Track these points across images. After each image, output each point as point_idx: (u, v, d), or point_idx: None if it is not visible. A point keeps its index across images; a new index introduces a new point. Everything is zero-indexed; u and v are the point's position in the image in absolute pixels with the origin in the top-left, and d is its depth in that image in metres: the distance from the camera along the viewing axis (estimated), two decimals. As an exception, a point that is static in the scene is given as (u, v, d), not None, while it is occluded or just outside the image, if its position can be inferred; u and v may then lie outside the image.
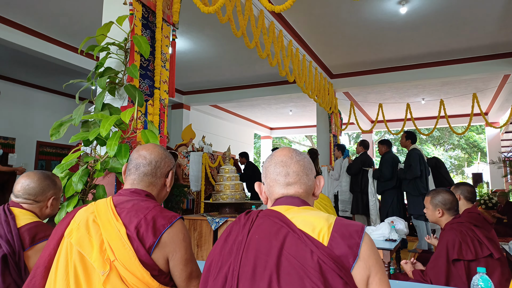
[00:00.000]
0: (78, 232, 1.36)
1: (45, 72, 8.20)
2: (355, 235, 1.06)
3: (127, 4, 3.02)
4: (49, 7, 5.52)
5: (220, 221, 4.26)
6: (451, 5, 5.49)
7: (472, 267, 2.15)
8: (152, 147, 1.56)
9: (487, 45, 7.05)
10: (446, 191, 2.53)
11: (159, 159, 1.54)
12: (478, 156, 19.34)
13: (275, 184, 1.27)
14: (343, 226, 1.08)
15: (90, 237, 1.34)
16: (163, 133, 3.29)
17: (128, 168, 1.53)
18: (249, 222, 1.19)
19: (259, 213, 1.21)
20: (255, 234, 1.13)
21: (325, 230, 1.07)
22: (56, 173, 2.49)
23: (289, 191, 1.24)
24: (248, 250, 1.10)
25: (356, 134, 21.18)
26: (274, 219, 1.15)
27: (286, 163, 1.27)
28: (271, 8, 3.28)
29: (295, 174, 1.25)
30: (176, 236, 1.37)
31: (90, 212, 1.40)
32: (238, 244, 1.14)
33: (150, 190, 1.51)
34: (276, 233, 1.10)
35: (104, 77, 2.82)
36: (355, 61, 7.98)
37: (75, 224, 1.38)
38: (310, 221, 1.10)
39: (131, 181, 1.50)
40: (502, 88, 9.16)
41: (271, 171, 1.28)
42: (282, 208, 1.19)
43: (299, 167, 1.27)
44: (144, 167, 1.50)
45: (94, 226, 1.36)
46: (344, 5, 5.51)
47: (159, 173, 1.53)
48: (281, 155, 1.30)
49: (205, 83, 9.73)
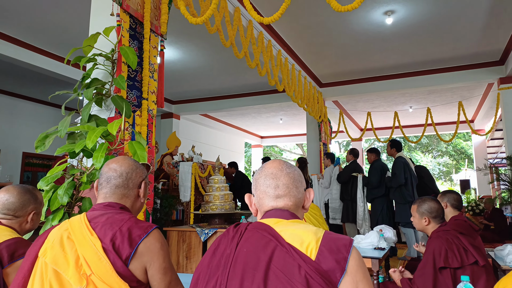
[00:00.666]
0: (53, 250, 1.34)
1: (32, 82, 8.12)
2: (343, 249, 1.06)
3: (114, 15, 3.02)
4: (35, 17, 5.50)
5: (209, 232, 4.23)
6: (435, 16, 5.61)
7: (458, 275, 2.17)
8: (122, 159, 1.56)
9: (471, 55, 7.20)
10: (432, 200, 2.56)
11: (130, 170, 1.53)
12: (466, 162, 19.58)
13: (265, 196, 1.27)
14: (331, 240, 1.09)
15: (65, 254, 1.32)
16: (151, 143, 3.28)
17: (99, 183, 1.52)
18: (237, 235, 1.18)
19: (248, 226, 1.21)
20: (243, 248, 1.13)
21: (313, 244, 1.07)
22: (41, 186, 2.46)
23: (279, 203, 1.24)
24: (236, 264, 1.10)
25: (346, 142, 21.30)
26: (263, 232, 1.15)
27: (276, 175, 1.27)
28: (260, 20, 3.31)
29: (285, 187, 1.26)
30: (153, 245, 1.37)
31: (64, 229, 1.39)
32: (226, 257, 1.14)
33: (123, 202, 1.50)
34: (264, 247, 1.10)
35: (91, 88, 2.81)
36: (344, 70, 8.07)
37: (49, 243, 1.37)
38: (298, 235, 1.10)
39: (103, 195, 1.50)
40: (487, 96, 9.33)
41: (261, 183, 1.29)
42: (271, 221, 1.19)
43: (289, 180, 1.27)
44: (115, 180, 1.50)
45: (68, 243, 1.35)
46: (331, 16, 5.58)
47: (131, 184, 1.53)
48: (271, 167, 1.30)
49: (195, 93, 9.74)
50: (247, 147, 19.29)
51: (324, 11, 5.41)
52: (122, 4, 3.01)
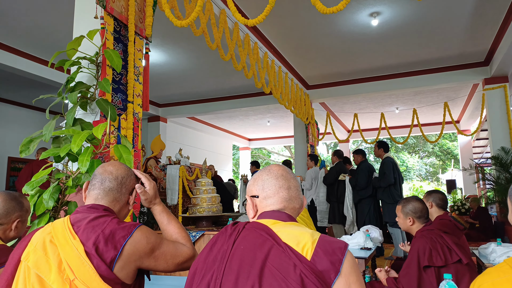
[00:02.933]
0: (35, 254, 1.32)
1: (16, 86, 8.00)
2: (338, 252, 1.09)
3: (98, 18, 3.00)
4: (19, 20, 5.43)
5: (197, 235, 4.22)
6: (420, 17, 5.68)
7: (442, 273, 2.19)
8: (118, 164, 1.56)
9: (456, 56, 7.31)
10: (416, 200, 2.59)
11: (125, 175, 1.53)
12: (452, 163, 19.85)
13: (277, 196, 1.30)
14: (327, 243, 1.12)
15: (48, 258, 1.31)
16: (137, 147, 3.26)
17: (91, 184, 1.51)
18: (235, 232, 1.21)
19: (246, 225, 1.24)
20: (241, 245, 1.16)
21: (309, 245, 1.09)
22: (26, 190, 2.42)
23: (289, 205, 1.29)
24: (232, 260, 1.12)
25: (333, 143, 21.41)
26: (260, 231, 1.17)
27: (287, 177, 1.32)
28: (244, 22, 3.32)
29: (296, 189, 1.32)
30: (139, 243, 1.36)
31: (46, 233, 1.37)
32: (223, 253, 1.17)
33: (112, 205, 1.49)
34: (261, 245, 1.12)
35: (75, 92, 2.78)
36: (330, 72, 8.12)
37: (31, 247, 1.35)
38: (295, 236, 1.13)
39: (94, 195, 1.48)
40: (472, 97, 9.48)
41: (272, 183, 1.31)
42: (268, 222, 1.22)
43: (297, 184, 1.34)
44: (110, 182, 1.49)
45: (51, 247, 1.33)
46: (317, 18, 5.62)
47: (124, 189, 1.52)
48: (280, 169, 1.35)
49: (182, 95, 9.70)
50: (235, 149, 19.26)
51: (309, 13, 5.44)
52: (106, 7, 2.99)
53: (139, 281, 1.42)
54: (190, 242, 1.56)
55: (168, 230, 1.57)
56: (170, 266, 1.44)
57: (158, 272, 1.45)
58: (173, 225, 1.58)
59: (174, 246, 1.48)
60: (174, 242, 1.51)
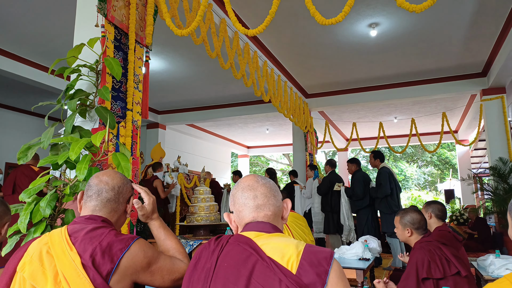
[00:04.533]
0: (31, 265, 1.31)
1: (16, 92, 8.01)
2: (324, 262, 1.07)
3: (99, 26, 3.01)
4: (20, 27, 5.45)
5: (194, 244, 4.20)
6: (418, 28, 5.72)
7: (441, 286, 2.19)
8: (113, 173, 1.54)
9: (454, 66, 7.35)
10: (414, 211, 2.58)
11: (121, 184, 1.52)
12: (450, 172, 19.86)
13: (244, 208, 1.28)
14: (312, 254, 1.09)
15: (44, 270, 1.29)
16: (135, 155, 3.26)
17: (87, 195, 1.48)
18: (218, 248, 1.19)
19: (229, 239, 1.21)
20: (224, 262, 1.13)
21: (293, 258, 1.08)
22: (23, 198, 2.41)
23: (259, 214, 1.25)
24: (217, 279, 1.10)
25: (332, 152, 21.43)
26: (244, 245, 1.15)
27: (252, 186, 1.29)
28: (245, 32, 3.33)
29: (263, 196, 1.28)
30: (136, 257, 1.34)
31: (43, 243, 1.36)
32: (207, 271, 1.14)
33: (110, 216, 1.47)
34: (245, 261, 1.10)
35: (75, 99, 2.78)
36: (329, 81, 8.16)
37: (28, 257, 1.33)
38: (279, 248, 1.11)
39: (92, 207, 1.46)
40: (470, 107, 9.51)
41: (239, 196, 1.30)
42: (252, 234, 1.20)
43: (266, 189, 1.29)
44: (107, 193, 1.47)
45: (48, 258, 1.31)
46: (316, 28, 5.65)
47: (121, 198, 1.51)
48: (247, 180, 1.33)
49: (181, 103, 9.72)
50: (234, 157, 19.25)
51: (309, 23, 5.48)
52: (107, 15, 3.01)
53: None
54: (188, 258, 1.53)
55: (165, 245, 1.55)
56: (166, 282, 1.41)
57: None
58: (170, 240, 1.56)
59: (171, 261, 1.46)
60: (172, 257, 1.49)
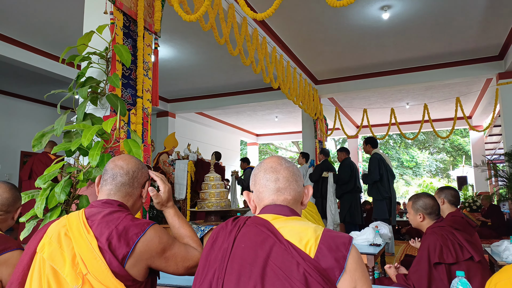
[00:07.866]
0: (50, 246, 1.33)
1: (28, 81, 8.11)
2: (342, 247, 1.06)
3: (107, 13, 3.01)
4: (31, 17, 5.47)
5: (205, 229, 4.24)
6: (433, 10, 5.59)
7: (453, 271, 2.17)
8: (128, 157, 1.55)
9: (469, 50, 7.18)
10: (427, 196, 2.55)
11: (136, 169, 1.52)
12: (463, 159, 19.64)
13: (265, 190, 1.27)
14: (331, 238, 1.08)
15: (62, 251, 1.32)
16: (146, 142, 3.27)
17: (103, 179, 1.50)
18: (235, 229, 1.18)
19: (246, 221, 1.20)
20: (241, 243, 1.13)
21: (312, 242, 1.07)
22: (38, 184, 2.46)
23: (279, 197, 1.24)
24: (234, 259, 1.10)
25: (342, 139, 21.31)
26: (261, 227, 1.14)
27: (275, 169, 1.27)
28: (253, 16, 3.30)
29: (285, 180, 1.26)
30: (151, 242, 1.35)
31: (62, 225, 1.38)
32: (224, 251, 1.14)
33: (126, 200, 1.48)
34: (262, 243, 1.10)
35: (86, 87, 2.80)
36: (339, 67, 8.06)
37: (47, 239, 1.36)
38: (297, 232, 1.10)
39: (107, 191, 1.48)
40: (485, 92, 9.33)
41: (261, 177, 1.29)
42: (269, 217, 1.18)
43: (289, 173, 1.27)
44: (121, 177, 1.48)
45: (66, 240, 1.34)
46: (326, 11, 5.56)
47: (136, 183, 1.51)
48: (271, 161, 1.31)
49: (190, 91, 9.72)
50: (243, 145, 19.26)
51: (318, 6, 5.38)
52: (116, 2, 2.99)
53: (151, 279, 1.42)
54: (201, 246, 1.53)
55: (180, 233, 1.56)
56: (180, 269, 1.43)
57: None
58: (185, 228, 1.56)
59: (186, 249, 1.47)
60: (186, 245, 1.50)
